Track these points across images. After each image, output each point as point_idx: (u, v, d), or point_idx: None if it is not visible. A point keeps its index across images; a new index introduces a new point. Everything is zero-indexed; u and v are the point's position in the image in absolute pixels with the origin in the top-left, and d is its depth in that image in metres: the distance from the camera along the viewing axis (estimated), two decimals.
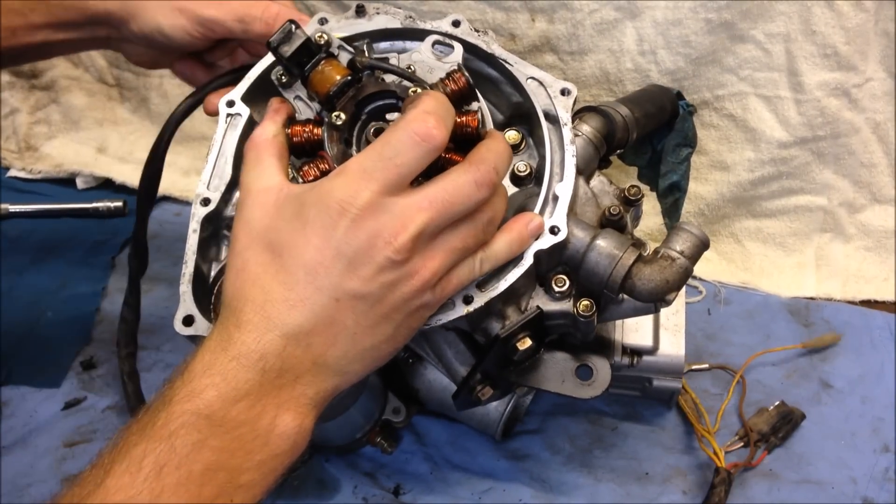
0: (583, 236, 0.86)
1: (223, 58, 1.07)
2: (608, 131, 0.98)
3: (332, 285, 0.70)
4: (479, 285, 0.82)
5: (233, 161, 0.89)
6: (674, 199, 1.15)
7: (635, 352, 1.09)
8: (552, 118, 0.89)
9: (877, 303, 1.39)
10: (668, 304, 0.86)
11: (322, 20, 0.91)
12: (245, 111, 0.90)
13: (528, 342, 0.86)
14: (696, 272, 1.15)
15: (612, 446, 1.20)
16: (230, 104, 0.90)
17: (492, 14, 1.32)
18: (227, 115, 0.90)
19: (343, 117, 0.80)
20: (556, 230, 0.83)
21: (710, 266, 1.44)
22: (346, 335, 0.72)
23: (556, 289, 0.87)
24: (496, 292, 0.82)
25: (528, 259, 0.82)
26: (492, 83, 0.94)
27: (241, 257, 0.74)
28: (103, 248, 1.47)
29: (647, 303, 0.86)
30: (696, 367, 1.28)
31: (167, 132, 0.98)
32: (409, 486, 1.16)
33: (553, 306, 0.88)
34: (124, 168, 1.57)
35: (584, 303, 0.87)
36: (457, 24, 0.91)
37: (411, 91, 0.80)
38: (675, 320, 1.12)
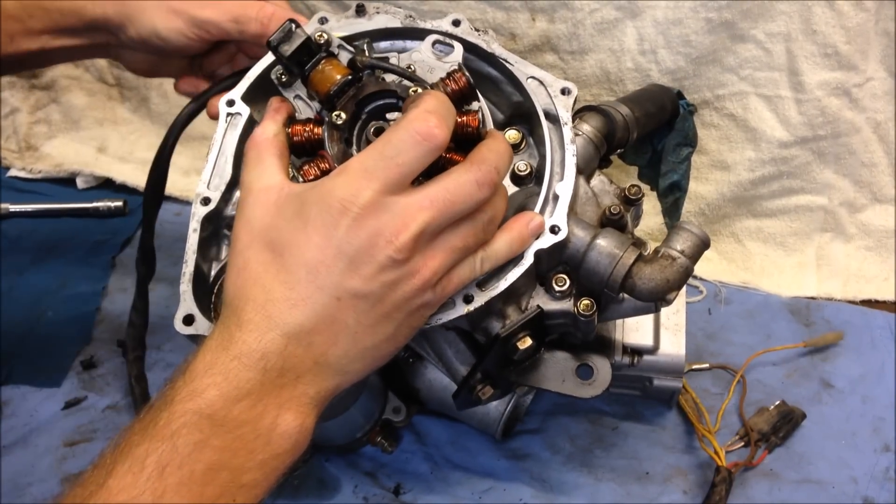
0: (583, 235, 0.86)
1: (223, 64, 1.06)
2: (608, 131, 0.98)
3: (333, 284, 0.70)
4: (480, 284, 0.82)
5: (233, 160, 0.89)
6: (674, 199, 1.15)
7: (636, 351, 1.09)
8: (552, 117, 0.89)
9: (877, 302, 1.39)
10: (669, 303, 0.86)
11: (322, 19, 0.91)
12: (245, 110, 0.90)
13: (528, 341, 0.86)
14: (697, 272, 1.15)
15: (612, 446, 1.20)
16: (230, 103, 0.90)
17: (492, 13, 1.32)
18: (228, 115, 0.90)
19: (343, 117, 0.80)
20: (557, 229, 0.83)
21: (711, 266, 1.44)
22: (348, 334, 0.72)
23: (557, 288, 0.87)
24: (496, 291, 0.82)
25: (529, 258, 0.82)
26: (492, 82, 0.94)
27: (243, 256, 0.74)
28: (104, 247, 1.47)
29: (647, 302, 0.86)
30: (696, 366, 1.28)
31: (171, 137, 0.98)
32: (409, 486, 1.16)
33: (553, 305, 0.88)
34: (125, 168, 1.57)
35: (585, 302, 0.87)
36: (457, 23, 0.91)
37: (412, 91, 0.80)
38: (675, 320, 1.12)
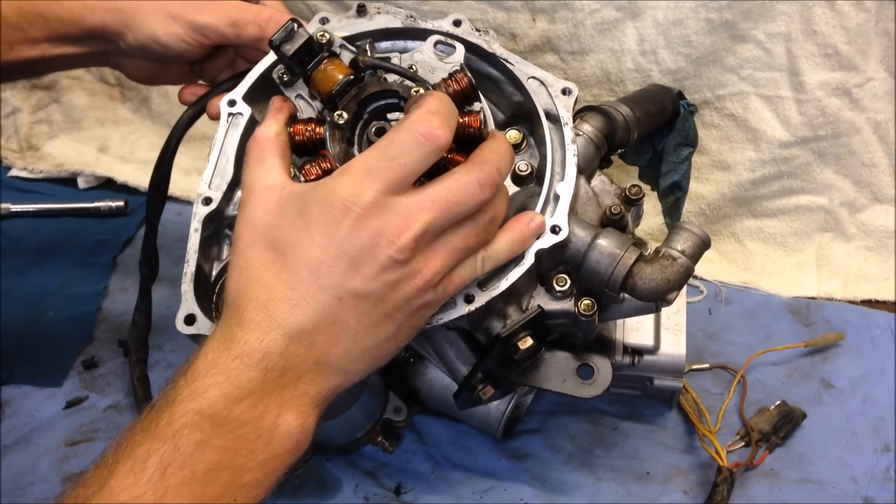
0: (584, 235, 0.86)
1: (223, 69, 1.06)
2: (609, 131, 0.98)
3: (334, 284, 0.70)
4: (481, 284, 0.82)
5: (234, 160, 0.89)
6: (675, 199, 1.15)
7: (636, 351, 1.09)
8: (553, 118, 0.89)
9: (877, 302, 1.39)
10: (669, 303, 0.86)
11: (323, 19, 0.91)
12: (246, 110, 0.90)
13: (529, 341, 0.86)
14: (697, 272, 1.15)
15: (613, 446, 1.20)
16: (231, 104, 0.90)
17: (493, 14, 1.32)
18: (229, 115, 0.90)
19: (345, 116, 0.80)
20: (558, 229, 0.83)
21: (711, 266, 1.44)
22: (349, 334, 0.72)
23: (558, 288, 0.87)
24: (497, 291, 0.82)
25: (530, 258, 0.82)
26: (493, 83, 0.94)
27: (244, 256, 0.74)
28: (105, 247, 1.47)
29: (648, 302, 0.86)
30: (696, 366, 1.28)
31: (173, 140, 0.98)
32: (410, 486, 1.16)
33: (554, 305, 0.88)
34: (125, 168, 1.57)
35: (586, 302, 0.87)
36: (458, 23, 0.91)
37: (413, 91, 0.80)
38: (676, 320, 1.12)
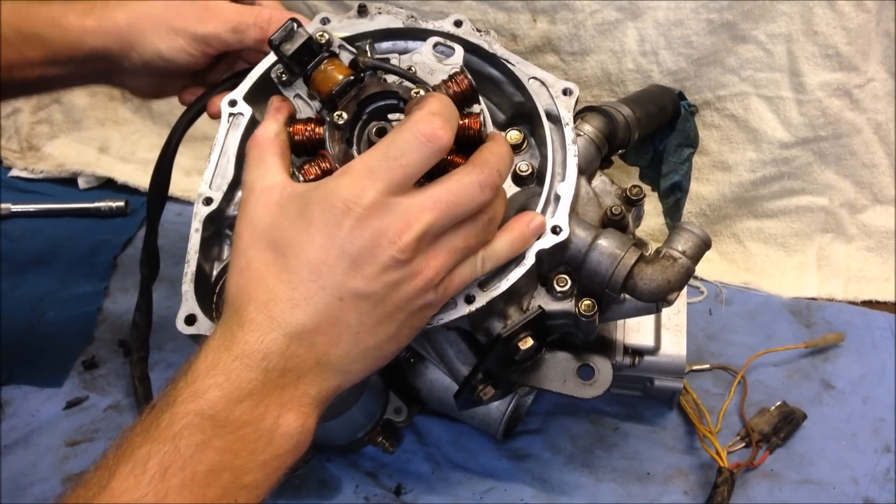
0: (584, 236, 0.86)
1: (225, 73, 1.06)
2: (610, 131, 0.98)
3: (335, 284, 0.70)
4: (482, 285, 0.82)
5: (235, 160, 0.89)
6: (675, 200, 1.15)
7: (637, 352, 1.09)
8: (554, 118, 0.89)
9: (878, 303, 1.39)
10: (670, 304, 0.86)
11: (324, 20, 0.91)
12: (247, 110, 0.90)
13: (529, 342, 0.86)
14: (698, 272, 1.15)
15: (613, 446, 1.20)
16: (232, 104, 0.90)
17: (493, 14, 1.32)
18: (230, 115, 0.90)
19: (345, 117, 0.80)
20: (558, 230, 0.83)
21: (712, 266, 1.44)
22: (350, 334, 0.72)
23: (558, 288, 0.87)
24: (498, 292, 0.82)
25: (530, 258, 0.82)
26: (493, 83, 0.94)
27: (245, 256, 0.74)
28: (105, 247, 1.47)
29: (648, 303, 0.86)
30: (697, 367, 1.27)
31: (174, 140, 0.98)
32: (410, 486, 1.16)
33: (555, 306, 0.88)
34: (126, 168, 1.57)
35: (586, 302, 0.87)
36: (459, 24, 0.91)
37: (413, 92, 0.80)
38: (676, 320, 1.12)
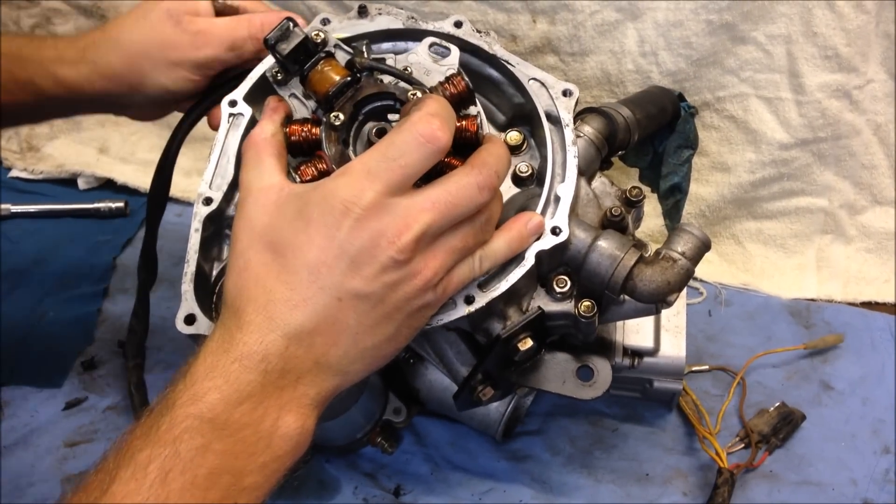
0: (584, 237, 0.86)
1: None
2: (610, 132, 0.98)
3: (334, 285, 0.70)
4: (481, 286, 0.82)
5: (235, 160, 0.88)
6: (675, 201, 1.15)
7: (636, 353, 1.09)
8: (554, 119, 0.89)
9: (877, 304, 1.39)
10: (669, 305, 0.86)
11: (324, 20, 0.91)
12: (247, 111, 0.90)
13: (529, 342, 0.86)
14: (697, 273, 1.15)
15: (612, 447, 1.20)
16: (232, 104, 0.90)
17: (493, 15, 1.32)
18: (230, 115, 0.90)
19: (342, 118, 0.80)
20: (558, 231, 0.83)
21: (711, 267, 1.44)
22: (348, 335, 0.72)
23: (558, 289, 0.87)
24: (497, 292, 0.82)
25: (530, 259, 0.82)
26: (493, 84, 0.94)
27: (243, 257, 0.74)
28: (105, 248, 1.47)
29: (648, 304, 0.86)
30: (696, 368, 1.28)
31: (174, 143, 0.99)
32: (409, 487, 1.16)
33: (554, 307, 0.88)
34: (126, 168, 1.57)
35: (586, 303, 0.87)
36: (459, 24, 0.91)
37: (410, 94, 0.80)
38: (676, 322, 1.12)
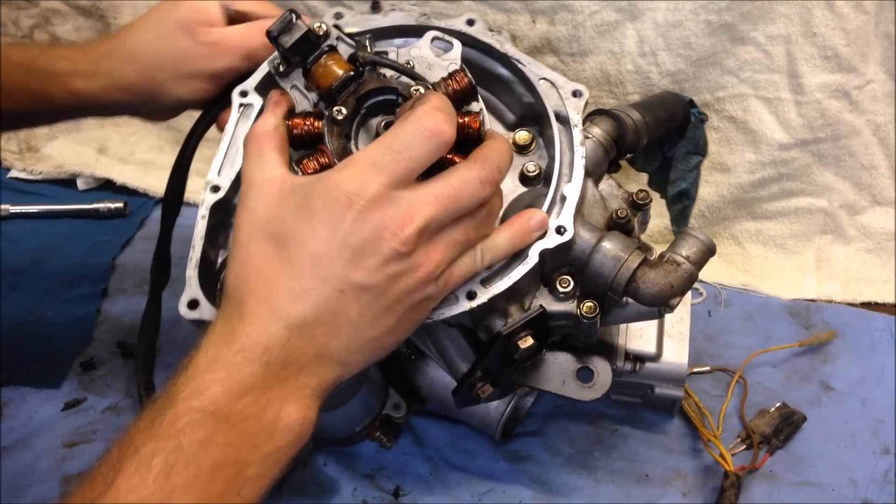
0: (589, 237, 0.86)
1: None
2: (619, 134, 0.97)
3: (336, 276, 0.70)
4: (484, 282, 0.82)
5: (244, 150, 0.89)
6: (682, 207, 1.14)
7: (638, 358, 1.09)
8: (563, 119, 0.89)
9: (877, 305, 1.39)
10: (672, 309, 0.85)
11: (338, 14, 0.91)
12: (258, 101, 0.90)
13: (529, 341, 0.86)
14: None
15: (612, 448, 1.20)
16: (243, 94, 0.90)
17: (492, 15, 1.32)
18: (240, 105, 0.90)
19: (344, 112, 0.80)
20: (563, 230, 0.83)
21: (711, 268, 1.41)
22: (350, 326, 0.72)
23: (561, 289, 0.87)
24: (500, 289, 0.81)
25: (533, 257, 0.82)
26: (504, 83, 0.94)
27: (245, 248, 0.74)
28: (104, 248, 1.46)
29: (650, 307, 0.86)
30: (697, 369, 1.27)
31: (190, 146, 1.00)
32: (408, 488, 1.16)
33: (556, 306, 0.88)
34: (125, 169, 1.57)
35: (588, 304, 0.87)
36: (471, 22, 0.92)
37: (413, 89, 0.80)
38: (679, 328, 1.12)
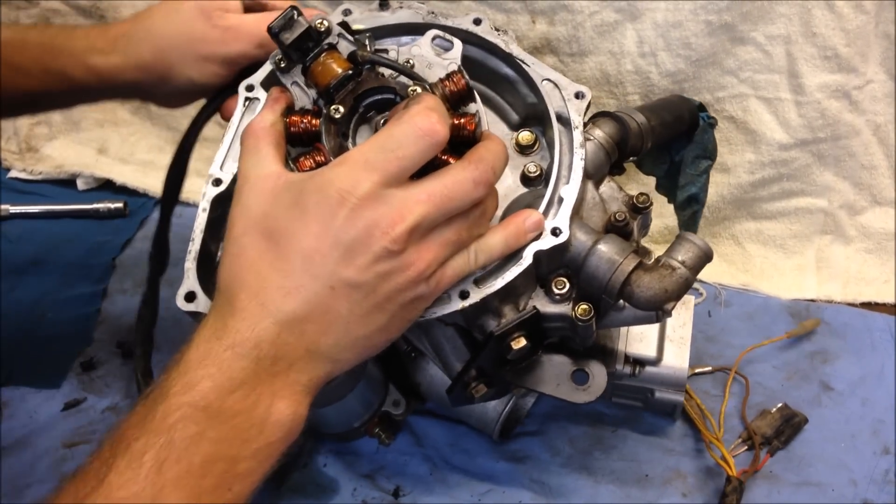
0: (585, 240, 0.85)
1: None
2: (621, 137, 0.96)
3: (327, 273, 0.70)
4: (477, 282, 0.82)
5: None
6: (692, 212, 1.13)
7: (638, 361, 1.09)
8: (564, 121, 0.89)
9: (877, 305, 1.38)
10: (668, 313, 0.85)
11: (346, 11, 0.92)
12: (263, 95, 0.90)
13: (522, 342, 0.85)
14: None
15: (612, 448, 1.20)
16: (249, 88, 0.90)
17: (492, 16, 1.32)
18: (246, 99, 0.90)
19: (342, 110, 0.80)
20: (558, 232, 0.83)
21: (711, 268, 1.40)
22: (340, 323, 0.72)
23: (556, 291, 0.87)
24: (493, 289, 0.81)
25: (528, 258, 0.82)
26: (509, 83, 0.94)
27: (238, 243, 0.74)
28: (104, 248, 1.47)
29: (645, 311, 0.85)
30: (699, 370, 1.27)
31: (192, 135, 1.00)
32: (408, 488, 1.16)
33: (551, 308, 0.87)
34: (125, 169, 1.57)
35: (583, 307, 0.86)
36: (478, 22, 0.92)
37: (410, 89, 0.80)
38: (681, 333, 1.11)
